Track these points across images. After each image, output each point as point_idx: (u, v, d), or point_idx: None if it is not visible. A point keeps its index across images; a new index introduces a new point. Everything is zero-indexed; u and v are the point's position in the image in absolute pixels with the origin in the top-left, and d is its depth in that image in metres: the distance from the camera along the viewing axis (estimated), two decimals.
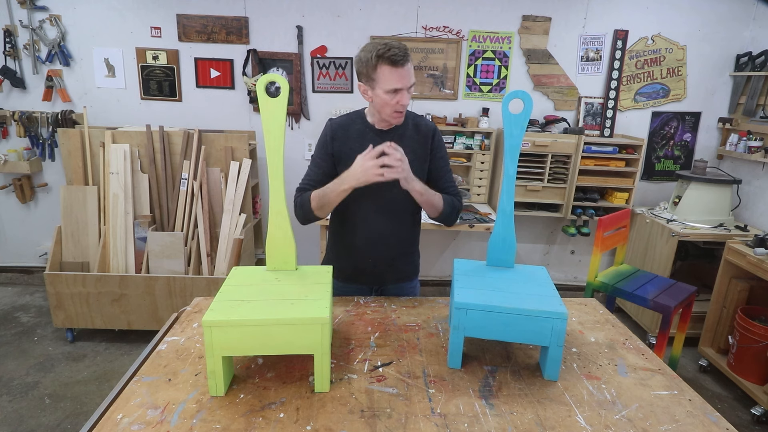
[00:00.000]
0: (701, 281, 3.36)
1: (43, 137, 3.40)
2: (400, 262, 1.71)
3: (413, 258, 1.76)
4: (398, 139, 1.56)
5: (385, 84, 1.43)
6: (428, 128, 1.62)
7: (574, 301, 1.65)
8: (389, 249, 1.66)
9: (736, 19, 3.34)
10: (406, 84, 1.43)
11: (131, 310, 2.84)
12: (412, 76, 1.46)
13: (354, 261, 1.66)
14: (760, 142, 3.13)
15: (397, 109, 1.46)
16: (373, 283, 1.70)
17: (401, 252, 1.70)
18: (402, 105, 1.46)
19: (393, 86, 1.42)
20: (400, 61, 1.40)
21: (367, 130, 1.57)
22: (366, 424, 1.01)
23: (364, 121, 1.59)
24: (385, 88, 1.43)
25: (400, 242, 1.68)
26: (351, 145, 1.55)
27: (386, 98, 1.44)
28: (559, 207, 3.45)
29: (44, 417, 2.33)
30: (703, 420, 1.07)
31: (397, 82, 1.42)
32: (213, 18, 3.25)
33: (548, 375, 1.19)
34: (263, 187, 3.48)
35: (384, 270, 1.68)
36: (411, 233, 1.71)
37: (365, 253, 1.64)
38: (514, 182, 1.35)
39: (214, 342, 1.04)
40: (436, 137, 1.62)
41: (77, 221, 2.93)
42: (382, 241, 1.63)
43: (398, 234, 1.66)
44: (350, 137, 1.56)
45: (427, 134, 1.60)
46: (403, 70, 1.41)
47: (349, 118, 1.61)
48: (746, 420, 2.53)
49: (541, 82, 3.45)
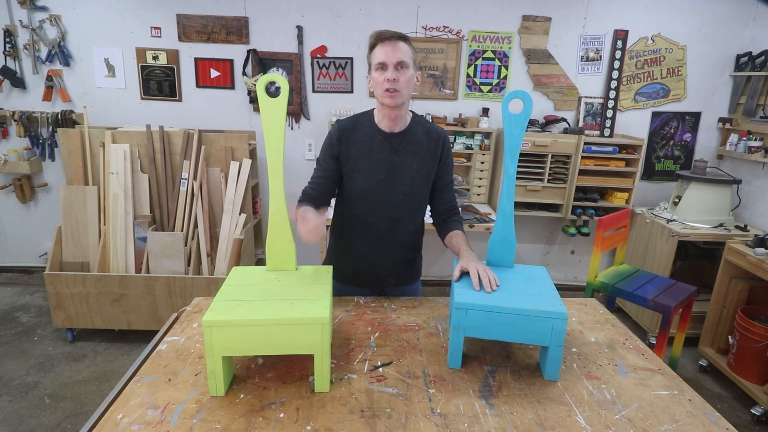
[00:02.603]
0: (701, 281, 3.36)
1: (43, 137, 3.40)
2: (403, 268, 1.69)
3: (416, 262, 1.74)
4: (407, 144, 1.54)
5: (374, 60, 1.44)
6: (438, 135, 1.59)
7: (574, 301, 1.65)
8: (392, 255, 1.64)
9: (736, 19, 3.34)
10: (391, 59, 1.40)
11: (131, 310, 2.84)
12: (401, 54, 1.41)
13: (355, 264, 1.64)
14: (760, 142, 3.13)
15: (385, 86, 1.42)
16: (374, 286, 1.69)
17: (405, 259, 1.68)
18: (388, 81, 1.41)
19: (378, 60, 1.42)
20: (387, 37, 1.42)
21: (376, 134, 1.54)
22: (366, 424, 1.01)
23: (372, 124, 1.55)
24: (374, 65, 1.44)
25: (404, 249, 1.66)
26: (359, 148, 1.53)
27: (376, 76, 1.44)
28: (559, 207, 3.45)
29: (44, 417, 2.33)
30: (703, 420, 1.07)
31: (381, 56, 1.41)
32: (213, 18, 3.25)
33: (548, 375, 1.19)
34: (263, 187, 3.48)
35: (386, 275, 1.66)
36: (414, 240, 1.69)
37: (368, 259, 1.62)
38: (514, 182, 1.35)
39: (214, 342, 1.04)
40: (446, 145, 1.61)
41: (77, 221, 2.93)
42: (386, 248, 1.61)
43: (402, 241, 1.64)
44: (358, 140, 1.53)
45: (437, 141, 1.58)
46: (389, 45, 1.41)
47: (356, 120, 1.57)
48: (746, 420, 2.53)
49: (541, 82, 3.45)
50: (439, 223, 1.66)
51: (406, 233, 1.64)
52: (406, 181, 1.54)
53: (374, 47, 1.44)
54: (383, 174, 1.53)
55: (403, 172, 1.54)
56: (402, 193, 1.55)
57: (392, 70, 1.41)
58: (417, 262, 1.75)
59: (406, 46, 1.44)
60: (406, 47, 1.43)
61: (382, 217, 1.57)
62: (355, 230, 1.61)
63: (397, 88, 1.42)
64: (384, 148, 1.53)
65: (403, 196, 1.56)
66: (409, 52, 1.44)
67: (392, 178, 1.53)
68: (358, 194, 1.56)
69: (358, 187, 1.55)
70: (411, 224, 1.64)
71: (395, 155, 1.53)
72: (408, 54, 1.44)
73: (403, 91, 1.44)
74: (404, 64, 1.42)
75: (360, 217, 1.58)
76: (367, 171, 1.53)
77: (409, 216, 1.61)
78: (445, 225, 1.62)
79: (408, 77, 1.44)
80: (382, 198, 1.55)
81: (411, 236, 1.66)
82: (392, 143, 1.53)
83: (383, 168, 1.53)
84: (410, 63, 1.44)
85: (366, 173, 1.53)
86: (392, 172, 1.53)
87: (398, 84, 1.41)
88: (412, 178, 1.55)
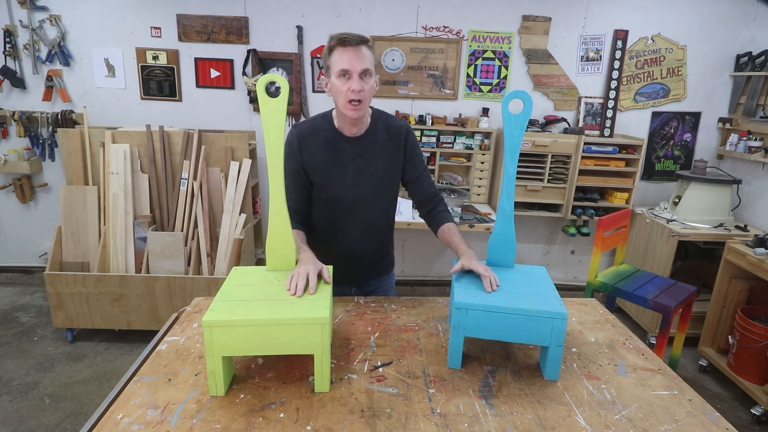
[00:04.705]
0: (701, 281, 3.36)
1: (43, 137, 3.40)
2: (378, 262, 1.73)
3: (389, 252, 1.78)
4: (369, 146, 1.51)
5: (335, 67, 1.34)
6: (399, 129, 1.54)
7: (574, 301, 1.65)
8: (369, 255, 1.66)
9: (736, 19, 3.34)
10: (355, 67, 1.32)
11: (131, 310, 2.84)
12: (365, 62, 1.34)
13: (334, 267, 1.64)
14: (760, 142, 3.13)
15: (348, 97, 1.34)
16: (353, 282, 1.71)
17: (379, 254, 1.72)
18: (353, 92, 1.33)
19: (340, 67, 1.33)
20: (349, 41, 1.32)
21: (337, 137, 1.49)
22: (366, 424, 1.01)
23: (332, 127, 1.49)
24: (335, 72, 1.34)
25: (379, 246, 1.69)
26: (321, 155, 1.49)
27: (337, 84, 1.35)
28: (559, 207, 3.45)
29: (44, 417, 2.33)
30: (703, 420, 1.07)
31: (345, 63, 1.32)
32: (213, 18, 3.25)
33: (548, 375, 1.19)
34: (263, 187, 3.48)
35: (361, 271, 1.69)
36: (386, 235, 1.72)
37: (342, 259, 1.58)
38: (514, 182, 1.34)
39: (214, 342, 1.04)
40: (409, 138, 1.56)
41: (77, 221, 2.93)
42: (360, 247, 1.63)
43: (377, 241, 1.67)
44: (320, 145, 1.48)
45: (398, 135, 1.53)
46: (352, 51, 1.32)
47: (315, 123, 1.51)
48: (746, 420, 2.52)
49: (541, 82, 3.45)
50: (426, 215, 1.64)
51: (378, 231, 1.65)
52: (374, 182, 1.54)
53: (334, 50, 1.35)
54: (351, 179, 1.52)
55: (370, 174, 1.52)
56: (371, 194, 1.55)
57: (357, 80, 1.34)
58: (390, 253, 1.78)
59: (369, 51, 1.37)
60: (369, 53, 1.36)
61: (354, 220, 1.57)
62: (327, 233, 1.61)
63: (361, 99, 1.36)
64: (347, 152, 1.50)
65: (372, 197, 1.55)
66: (371, 57, 1.38)
67: (359, 181, 1.52)
68: (327, 200, 1.55)
69: (327, 194, 1.53)
70: (383, 222, 1.65)
71: (360, 158, 1.51)
72: (371, 60, 1.37)
73: (366, 101, 1.39)
74: (368, 72, 1.36)
75: (331, 222, 1.58)
76: (333, 177, 1.51)
77: (381, 215, 1.62)
78: (435, 218, 1.60)
79: (371, 85, 1.38)
80: (351, 201, 1.54)
81: (382, 232, 1.68)
82: (355, 147, 1.50)
83: (349, 172, 1.51)
84: (373, 70, 1.38)
85: (333, 179, 1.51)
86: (358, 175, 1.52)
87: (362, 94, 1.36)
88: (379, 178, 1.54)
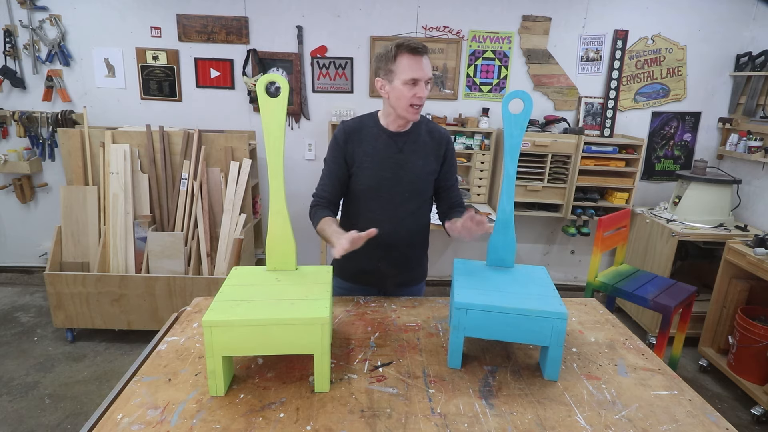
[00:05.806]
0: (701, 281, 3.36)
1: (43, 137, 3.40)
2: (408, 268, 1.70)
3: (422, 262, 1.75)
4: (411, 143, 1.56)
5: (403, 74, 1.42)
6: (442, 136, 1.62)
7: (574, 301, 1.65)
8: (399, 255, 1.64)
9: (736, 19, 3.34)
10: (424, 75, 1.42)
11: (131, 310, 2.84)
12: (430, 71, 1.45)
13: (361, 263, 1.63)
14: (760, 142, 3.13)
15: (413, 102, 1.44)
16: (379, 285, 1.68)
17: (410, 256, 1.68)
18: (419, 98, 1.43)
19: (411, 76, 1.41)
20: (419, 50, 1.41)
21: (381, 133, 1.56)
22: (366, 424, 1.01)
23: (377, 124, 1.57)
24: (403, 78, 1.42)
25: (409, 246, 1.66)
26: (365, 148, 1.55)
27: (403, 90, 1.43)
28: (559, 207, 3.45)
29: (44, 417, 2.33)
30: (703, 420, 1.07)
31: (415, 72, 1.41)
32: (213, 18, 3.25)
33: (548, 375, 1.19)
34: (263, 187, 3.48)
35: (391, 274, 1.66)
36: (420, 237, 1.70)
37: (374, 258, 1.61)
38: (514, 182, 1.35)
39: (214, 342, 1.04)
40: (450, 146, 1.63)
41: (77, 221, 2.93)
42: (392, 245, 1.61)
43: (407, 238, 1.64)
44: (364, 139, 1.56)
45: (440, 141, 1.61)
46: (422, 61, 1.42)
47: (361, 121, 1.60)
48: (746, 420, 2.52)
49: (541, 82, 3.45)
50: (443, 212, 1.70)
51: (412, 230, 1.65)
52: (411, 179, 1.57)
53: (401, 56, 1.42)
54: (389, 172, 1.55)
55: (409, 170, 1.56)
56: (407, 191, 1.57)
57: (424, 87, 1.44)
58: (423, 262, 1.75)
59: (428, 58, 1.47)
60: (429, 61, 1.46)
61: (389, 215, 1.58)
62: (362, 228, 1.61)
63: (423, 104, 1.47)
64: (389, 147, 1.55)
65: (409, 193, 1.58)
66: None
67: (398, 175, 1.56)
68: (364, 192, 1.58)
69: (365, 186, 1.57)
70: (416, 221, 1.65)
71: (400, 153, 1.56)
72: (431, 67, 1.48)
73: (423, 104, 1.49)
74: (431, 80, 1.47)
75: (366, 215, 1.59)
76: (373, 169, 1.55)
77: (414, 213, 1.62)
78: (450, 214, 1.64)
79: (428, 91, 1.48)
80: (388, 195, 1.56)
81: (416, 233, 1.67)
82: (397, 142, 1.56)
83: (389, 166, 1.55)
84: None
85: (372, 171, 1.55)
86: (398, 170, 1.56)
87: (424, 100, 1.46)
88: (417, 175, 1.57)
